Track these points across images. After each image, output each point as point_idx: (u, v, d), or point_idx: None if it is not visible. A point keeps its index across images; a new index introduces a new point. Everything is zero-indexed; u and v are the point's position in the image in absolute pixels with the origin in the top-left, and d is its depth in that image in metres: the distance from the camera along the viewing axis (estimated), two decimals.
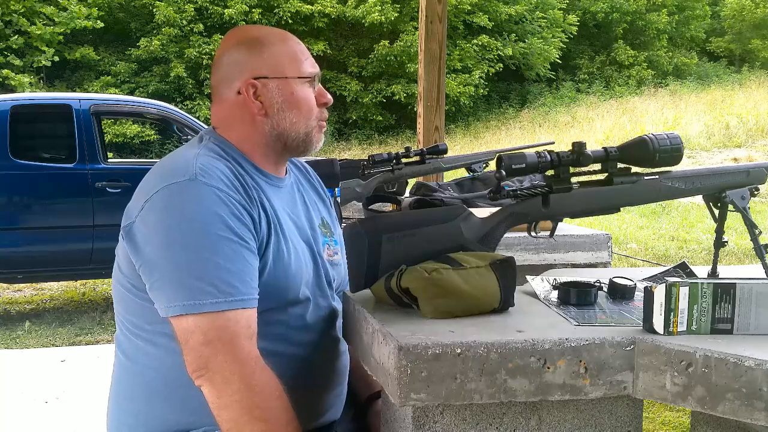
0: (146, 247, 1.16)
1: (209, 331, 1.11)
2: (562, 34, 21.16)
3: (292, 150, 1.33)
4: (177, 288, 1.13)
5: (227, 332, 1.12)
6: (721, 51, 24.60)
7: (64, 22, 16.07)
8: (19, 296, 5.91)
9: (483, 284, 1.15)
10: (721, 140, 13.54)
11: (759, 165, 1.42)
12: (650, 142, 1.27)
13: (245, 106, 1.29)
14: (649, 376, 1.03)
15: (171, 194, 1.16)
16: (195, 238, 1.13)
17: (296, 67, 1.30)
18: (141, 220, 1.18)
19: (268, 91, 1.28)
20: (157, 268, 1.15)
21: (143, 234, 1.17)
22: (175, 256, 1.13)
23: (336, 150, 17.06)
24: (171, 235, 1.14)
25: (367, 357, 1.17)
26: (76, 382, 3.55)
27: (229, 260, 1.14)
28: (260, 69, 1.28)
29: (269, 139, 1.30)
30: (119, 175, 5.18)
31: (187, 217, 1.14)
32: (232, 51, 1.31)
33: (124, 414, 1.30)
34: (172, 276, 1.13)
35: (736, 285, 1.06)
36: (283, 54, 1.30)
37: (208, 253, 1.13)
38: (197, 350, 1.12)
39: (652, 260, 6.14)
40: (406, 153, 2.47)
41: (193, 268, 1.12)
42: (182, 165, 1.19)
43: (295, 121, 1.30)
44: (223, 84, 1.31)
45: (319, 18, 18.60)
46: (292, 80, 1.29)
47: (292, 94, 1.29)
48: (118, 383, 1.32)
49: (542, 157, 1.27)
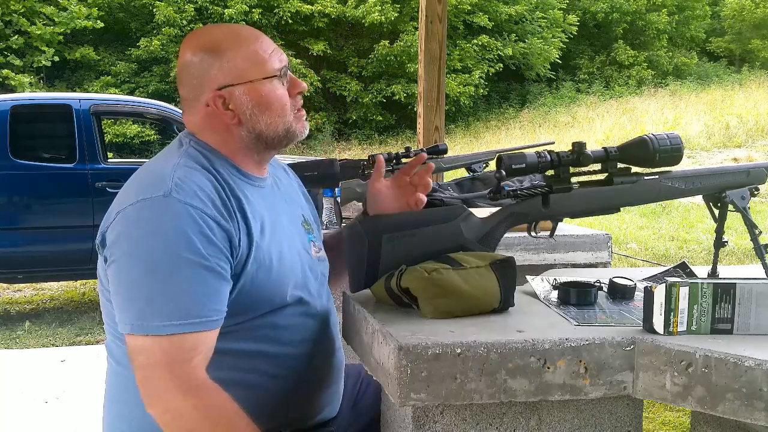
0: (111, 258, 1.16)
1: (152, 354, 1.10)
2: (562, 34, 21.16)
3: (274, 147, 1.30)
4: (129, 306, 1.12)
5: (169, 356, 1.10)
6: (721, 51, 24.60)
7: (64, 22, 16.07)
8: (19, 296, 5.91)
9: (483, 284, 1.15)
10: (721, 140, 13.54)
11: (759, 165, 1.42)
12: (650, 142, 1.27)
13: (217, 117, 1.26)
14: (649, 376, 1.03)
15: (142, 209, 1.14)
16: (156, 257, 1.11)
17: (259, 67, 1.25)
18: (111, 231, 1.16)
19: (236, 99, 1.24)
20: (116, 282, 1.14)
21: (111, 245, 1.16)
22: (133, 273, 1.12)
23: (336, 150, 17.06)
24: (134, 251, 1.13)
25: (367, 357, 1.17)
26: (76, 382, 3.55)
27: (188, 282, 1.12)
28: (224, 78, 1.24)
29: (249, 142, 1.28)
30: (119, 175, 5.17)
31: (154, 234, 1.12)
32: (191, 61, 1.26)
33: (117, 419, 1.29)
34: (127, 293, 1.13)
35: (736, 285, 1.06)
36: (242, 57, 1.25)
37: (166, 274, 1.11)
38: (140, 372, 1.12)
39: (652, 260, 6.14)
40: (406, 153, 2.47)
41: (147, 289, 1.11)
42: (159, 178, 1.17)
43: (270, 122, 1.27)
44: (190, 95, 1.28)
45: (319, 18, 18.60)
46: (257, 83, 1.25)
47: (261, 96, 1.25)
48: (111, 388, 1.31)
49: (542, 157, 1.27)
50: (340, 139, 18.58)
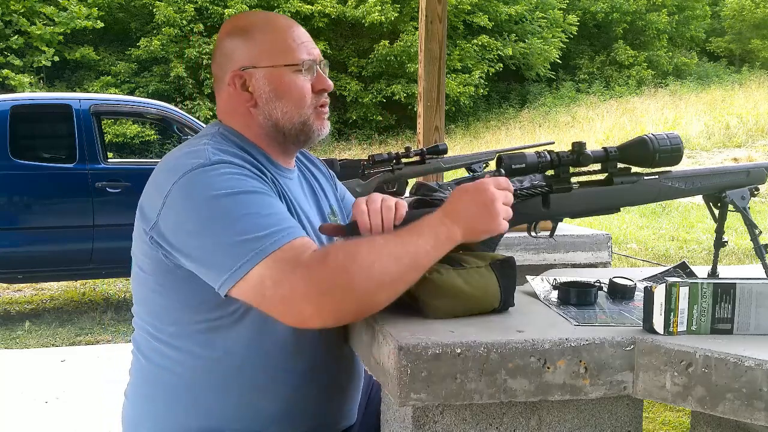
0: (181, 239, 1.13)
1: (274, 273, 1.05)
2: (562, 34, 21.16)
3: (292, 139, 1.30)
4: (224, 260, 1.08)
5: (290, 262, 1.06)
6: (721, 51, 24.61)
7: (64, 22, 16.07)
8: (19, 296, 5.91)
9: (483, 284, 1.15)
10: (721, 140, 13.55)
11: (759, 165, 1.42)
12: (650, 142, 1.27)
13: (236, 98, 1.27)
14: (649, 376, 1.03)
15: (189, 182, 1.13)
16: (224, 206, 1.10)
17: (285, 54, 1.26)
18: (165, 217, 1.14)
19: (256, 81, 1.26)
20: (202, 250, 1.11)
21: (173, 228, 1.14)
22: (213, 229, 1.10)
23: (336, 150, 17.06)
24: (201, 215, 1.11)
25: (367, 357, 1.17)
26: (76, 382, 3.55)
27: (263, 207, 1.12)
28: (247, 59, 1.26)
29: (267, 129, 1.28)
30: (119, 175, 5.18)
31: (211, 193, 1.11)
32: (224, 42, 1.29)
33: (141, 416, 1.28)
34: (217, 248, 1.09)
35: (736, 285, 1.06)
36: (271, 42, 1.26)
37: (242, 211, 1.10)
38: (277, 296, 1.05)
39: (652, 260, 6.14)
40: (406, 153, 2.47)
41: (234, 231, 1.08)
42: (193, 155, 1.17)
43: (287, 111, 1.27)
44: (218, 76, 1.30)
45: (319, 18, 18.61)
46: (280, 68, 1.26)
47: (280, 83, 1.26)
48: (137, 385, 1.30)
49: (542, 157, 1.27)
50: (340, 139, 18.58)
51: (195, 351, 1.19)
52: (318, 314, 1.04)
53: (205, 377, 1.19)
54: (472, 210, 1.14)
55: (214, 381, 1.21)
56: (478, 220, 1.14)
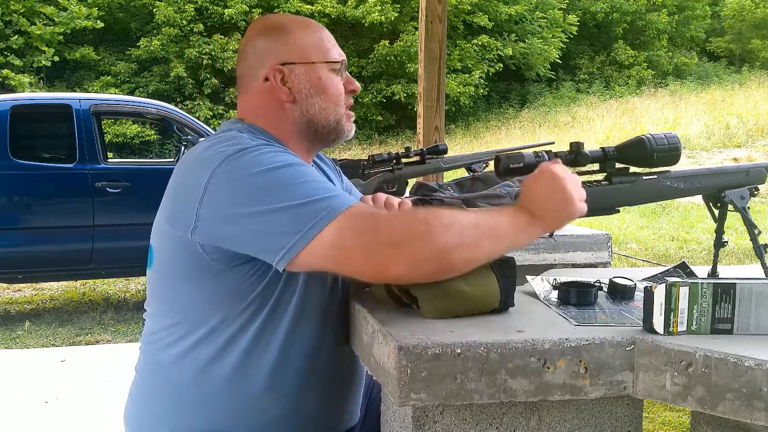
0: (230, 223, 1.10)
1: (354, 224, 1.05)
2: (562, 34, 21.16)
3: (323, 137, 1.31)
4: (294, 218, 1.06)
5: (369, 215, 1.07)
6: (721, 51, 24.61)
7: (64, 22, 16.07)
8: (19, 296, 5.90)
9: (483, 284, 1.15)
10: (721, 140, 13.54)
11: (758, 165, 1.42)
12: (648, 142, 1.27)
13: (273, 93, 1.27)
14: (649, 376, 1.03)
15: (232, 165, 1.11)
16: (279, 176, 1.09)
17: (323, 52, 1.29)
18: (206, 208, 1.11)
19: (296, 77, 1.26)
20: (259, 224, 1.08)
21: (218, 216, 1.11)
22: (272, 199, 1.07)
23: (336, 150, 17.04)
24: (255, 189, 1.09)
25: (367, 357, 1.17)
26: (76, 382, 3.55)
27: (318, 177, 1.13)
28: (287, 55, 1.27)
29: (300, 127, 1.28)
30: (119, 175, 5.17)
31: (261, 168, 1.10)
32: (257, 39, 1.29)
33: (146, 416, 1.28)
34: (280, 215, 1.06)
35: (736, 285, 1.06)
36: (308, 40, 1.29)
37: (300, 179, 1.10)
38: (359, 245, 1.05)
39: (652, 260, 6.13)
40: (406, 153, 2.47)
41: (297, 195, 1.07)
42: (228, 143, 1.16)
43: (324, 107, 1.28)
44: (249, 73, 1.29)
45: (319, 18, 18.58)
46: (319, 65, 1.28)
47: (320, 80, 1.28)
48: (143, 384, 1.30)
49: (540, 157, 1.27)
50: None
51: (207, 353, 1.19)
52: (398, 263, 1.03)
53: (218, 378, 1.19)
54: (548, 199, 1.13)
55: (221, 382, 1.21)
56: (557, 207, 1.13)
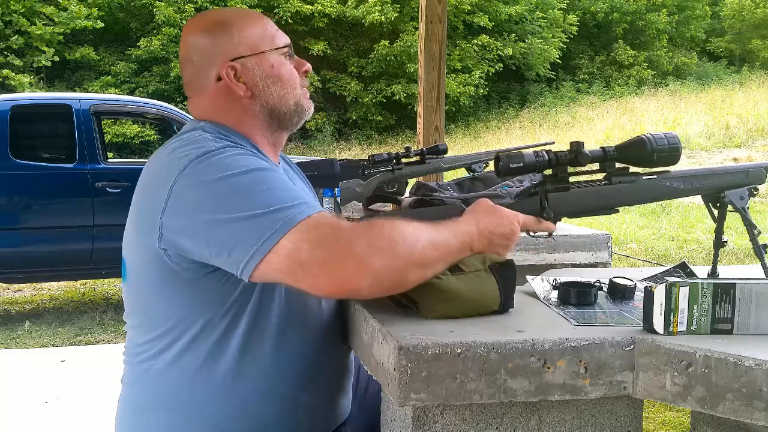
0: (194, 230, 1.08)
1: (311, 236, 1.02)
2: (562, 34, 21.16)
3: (286, 123, 1.30)
4: (252, 228, 1.03)
5: (328, 226, 1.04)
6: (721, 51, 24.60)
7: (64, 22, 16.07)
8: (19, 296, 5.90)
9: (483, 288, 1.15)
10: (721, 140, 13.54)
11: (758, 165, 1.42)
12: (648, 142, 1.27)
13: (229, 92, 1.25)
14: (649, 376, 1.03)
15: (197, 169, 1.10)
16: (242, 182, 1.07)
17: (270, 40, 1.27)
18: (170, 214, 1.10)
19: (249, 70, 1.25)
20: (221, 232, 1.06)
21: (182, 222, 1.09)
22: (233, 206, 1.05)
23: (336, 150, 17.05)
24: (217, 195, 1.07)
25: (367, 357, 1.17)
26: (76, 382, 3.55)
27: (282, 183, 1.11)
28: (235, 49, 1.24)
29: (262, 119, 1.28)
30: (119, 175, 5.17)
31: (225, 173, 1.08)
32: (199, 39, 1.26)
33: (136, 424, 1.26)
34: (239, 224, 1.04)
35: (736, 285, 1.06)
36: (253, 30, 1.27)
37: (261, 186, 1.07)
38: (316, 259, 1.01)
39: (652, 260, 6.13)
40: (406, 153, 2.47)
41: (256, 203, 1.05)
42: (192, 145, 1.15)
43: (283, 94, 1.28)
44: (198, 75, 1.27)
45: (319, 18, 18.59)
46: (269, 54, 1.26)
47: (273, 68, 1.26)
48: (133, 396, 1.28)
49: (540, 156, 1.27)
50: (340, 139, 18.58)
51: (196, 362, 1.18)
52: (356, 277, 1.01)
53: (211, 386, 1.19)
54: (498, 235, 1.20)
55: (215, 388, 1.20)
56: (497, 246, 1.20)
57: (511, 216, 1.23)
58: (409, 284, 1.07)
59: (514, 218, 1.23)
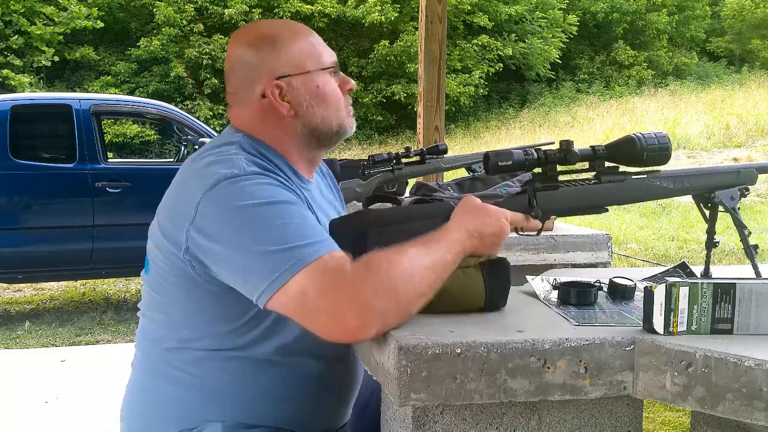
0: (215, 250, 1.10)
1: (316, 282, 1.03)
2: (562, 34, 21.17)
3: (325, 142, 1.30)
4: (265, 264, 1.05)
5: (333, 272, 1.04)
6: (721, 51, 24.61)
7: (64, 22, 16.07)
8: (19, 296, 5.90)
9: (466, 282, 1.15)
10: (721, 140, 13.54)
11: (749, 165, 1.41)
12: (638, 141, 1.27)
13: (273, 109, 1.24)
14: (649, 376, 1.03)
15: (223, 191, 1.11)
16: (261, 215, 1.08)
17: (315, 59, 1.26)
18: (196, 228, 1.12)
19: (294, 89, 1.24)
20: (237, 261, 1.08)
21: (205, 240, 1.11)
22: (250, 238, 1.07)
23: (336, 150, 17.01)
24: (237, 223, 1.08)
25: (367, 357, 1.17)
26: (76, 382, 3.55)
27: (300, 218, 1.11)
28: (281, 67, 1.23)
29: (301, 138, 1.27)
30: (119, 175, 5.17)
31: (248, 201, 1.09)
32: (245, 53, 1.25)
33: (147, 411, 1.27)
34: (253, 258, 1.06)
35: (736, 285, 1.06)
36: (299, 48, 1.25)
37: (279, 220, 1.08)
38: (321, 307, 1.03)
39: (652, 260, 6.13)
40: (406, 153, 2.47)
41: (271, 239, 1.06)
42: (225, 165, 1.15)
43: (326, 115, 1.27)
44: (242, 88, 1.26)
45: (319, 18, 18.60)
46: (314, 73, 1.25)
47: (318, 88, 1.25)
48: (143, 381, 1.29)
49: (529, 154, 1.27)
50: None
51: (214, 361, 1.20)
52: (363, 325, 1.02)
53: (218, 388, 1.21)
54: (488, 234, 1.20)
55: (228, 392, 1.21)
56: (487, 245, 1.19)
57: (499, 213, 1.22)
58: (414, 312, 1.08)
59: (501, 215, 1.22)
